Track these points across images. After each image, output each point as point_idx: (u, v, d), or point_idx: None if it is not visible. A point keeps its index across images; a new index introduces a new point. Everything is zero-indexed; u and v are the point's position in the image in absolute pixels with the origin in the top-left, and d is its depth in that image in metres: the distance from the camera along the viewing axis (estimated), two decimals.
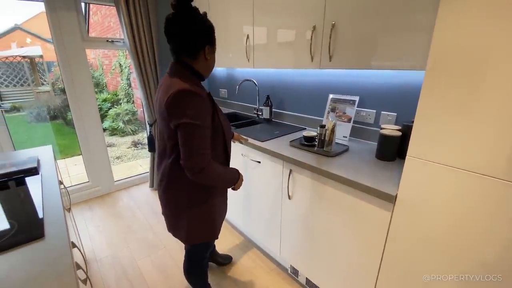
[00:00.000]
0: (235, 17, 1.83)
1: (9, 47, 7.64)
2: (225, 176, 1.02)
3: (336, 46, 1.27)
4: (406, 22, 1.02)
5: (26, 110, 6.42)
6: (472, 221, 0.79)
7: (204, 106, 0.87)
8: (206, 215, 1.07)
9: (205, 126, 0.88)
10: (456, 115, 0.77)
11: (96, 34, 6.67)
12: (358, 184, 1.04)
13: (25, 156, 1.32)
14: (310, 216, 1.33)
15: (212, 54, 0.97)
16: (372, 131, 1.52)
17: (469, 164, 0.77)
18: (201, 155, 0.88)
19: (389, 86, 1.42)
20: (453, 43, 0.74)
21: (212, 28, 0.94)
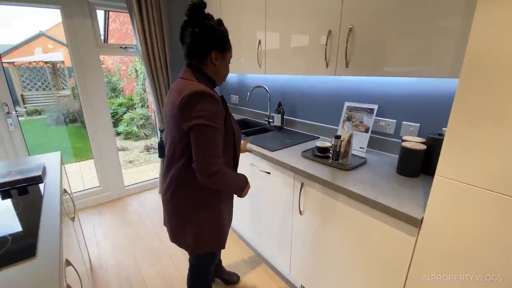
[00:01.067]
0: (246, 22, 1.78)
1: (32, 53, 8.02)
2: (235, 182, 1.00)
3: (354, 51, 1.19)
4: (431, 26, 0.93)
5: (46, 113, 6.67)
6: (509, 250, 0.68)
7: (218, 108, 0.87)
8: (214, 220, 1.03)
9: (219, 128, 0.88)
10: (496, 130, 0.66)
11: (114, 41, 6.87)
12: (378, 204, 0.94)
13: (32, 163, 1.31)
14: (323, 235, 1.24)
15: (222, 61, 0.96)
16: (392, 142, 1.41)
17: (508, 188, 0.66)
18: (214, 158, 0.87)
19: (411, 94, 1.31)
20: (493, 46, 0.64)
21: (221, 34, 0.93)
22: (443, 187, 0.79)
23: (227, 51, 0.97)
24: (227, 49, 0.96)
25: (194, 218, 1.00)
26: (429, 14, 0.93)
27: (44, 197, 1.00)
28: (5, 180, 1.08)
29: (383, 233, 0.97)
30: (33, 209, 0.91)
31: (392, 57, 1.06)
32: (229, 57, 0.99)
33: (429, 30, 0.94)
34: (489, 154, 0.68)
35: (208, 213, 1.01)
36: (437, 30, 0.92)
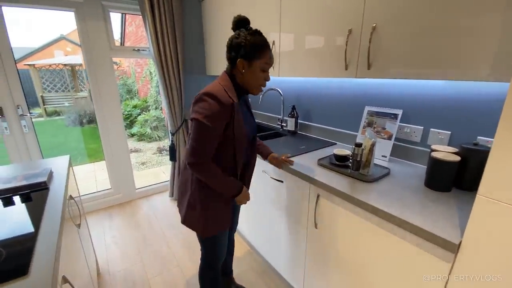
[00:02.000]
0: (259, 21, 1.70)
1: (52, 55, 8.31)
2: (221, 182, 1.04)
3: (377, 52, 1.08)
4: (465, 24, 0.81)
5: (65, 114, 6.87)
6: None
7: (220, 111, 0.94)
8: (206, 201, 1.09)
9: (212, 128, 0.94)
10: None
11: (130, 43, 7.00)
12: (406, 223, 0.83)
13: (39, 167, 1.29)
14: (340, 252, 1.13)
15: (248, 69, 0.98)
16: (418, 151, 1.29)
17: None
18: (198, 151, 0.97)
19: (440, 99, 1.19)
20: None
21: (249, 43, 0.95)
22: (486, 209, 0.67)
23: (255, 60, 0.97)
24: (254, 57, 0.97)
25: (192, 192, 1.09)
26: (463, 11, 0.82)
27: (47, 205, 0.96)
28: (9, 186, 1.05)
29: (412, 257, 0.86)
30: (33, 219, 0.87)
31: (421, 58, 0.95)
32: (258, 65, 0.98)
33: (462, 28, 0.82)
34: None
35: (204, 192, 1.07)
36: (472, 29, 0.80)
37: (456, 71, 0.87)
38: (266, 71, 1.01)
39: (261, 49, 0.97)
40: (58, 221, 0.86)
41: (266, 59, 0.99)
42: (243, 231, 2.01)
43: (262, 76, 1.01)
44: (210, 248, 1.22)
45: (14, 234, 0.80)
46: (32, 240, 0.76)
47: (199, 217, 1.09)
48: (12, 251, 0.72)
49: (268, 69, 1.02)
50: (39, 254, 0.71)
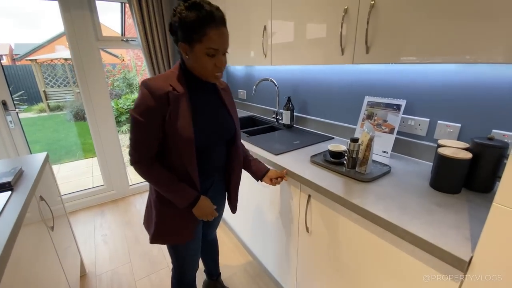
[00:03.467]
0: (250, 7, 1.56)
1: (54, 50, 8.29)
2: (166, 188, 0.88)
3: (376, 33, 0.94)
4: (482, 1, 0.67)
5: (66, 109, 6.86)
6: None
7: (151, 103, 0.80)
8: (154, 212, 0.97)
9: (144, 123, 0.81)
10: None
11: (132, 35, 6.89)
12: (406, 233, 0.71)
13: (10, 166, 1.20)
14: (334, 259, 1.02)
15: (191, 54, 0.80)
16: (423, 146, 1.15)
17: None
18: (133, 149, 0.86)
19: (449, 87, 1.04)
20: None
21: (184, 23, 0.76)
22: (504, 220, 0.54)
23: (197, 43, 0.77)
24: (195, 40, 0.77)
25: (150, 192, 1.00)
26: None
27: (6, 208, 0.87)
28: None
29: (413, 272, 0.73)
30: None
31: (427, 40, 0.80)
32: (201, 50, 0.78)
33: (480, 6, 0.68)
34: None
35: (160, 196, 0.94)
36: (490, 7, 0.66)
37: (470, 53, 0.72)
38: (214, 55, 0.79)
39: (198, 29, 0.75)
40: (10, 226, 0.77)
41: (209, 44, 0.77)
42: (236, 229, 1.91)
43: (210, 62, 0.80)
44: (174, 258, 1.08)
45: None
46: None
47: (152, 220, 0.97)
48: None
49: (216, 53, 0.79)
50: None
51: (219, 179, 1.07)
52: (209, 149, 0.94)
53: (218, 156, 0.99)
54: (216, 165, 1.00)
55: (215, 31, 0.76)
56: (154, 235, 0.97)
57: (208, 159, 0.94)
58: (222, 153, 1.01)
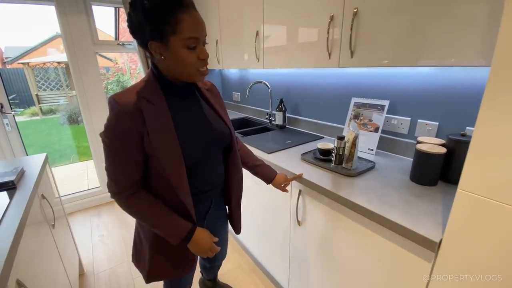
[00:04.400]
0: (244, 11, 1.63)
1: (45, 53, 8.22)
2: (155, 220, 0.74)
3: (359, 39, 1.02)
4: (454, 8, 0.75)
5: (59, 112, 6.82)
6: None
7: (121, 123, 0.67)
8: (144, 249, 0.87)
9: (117, 147, 0.69)
10: None
11: (126, 39, 6.90)
12: (387, 220, 0.78)
13: (11, 166, 1.24)
14: (323, 250, 1.08)
15: (168, 52, 0.67)
16: (405, 143, 1.23)
17: None
18: (110, 179, 0.73)
19: (428, 88, 1.13)
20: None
21: (151, 14, 0.63)
22: (468, 204, 0.62)
23: (171, 36, 0.64)
24: (168, 33, 0.64)
25: (136, 227, 0.90)
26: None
27: (11, 205, 0.91)
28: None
29: (393, 255, 0.81)
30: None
31: (406, 45, 0.88)
32: (179, 43, 0.65)
33: (451, 13, 0.76)
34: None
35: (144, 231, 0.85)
36: (461, 13, 0.74)
37: (445, 56, 0.81)
38: (195, 46, 0.67)
39: (170, 17, 0.62)
40: (17, 222, 0.81)
41: (187, 33, 0.64)
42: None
43: (192, 56, 0.67)
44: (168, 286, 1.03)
45: None
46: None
47: (145, 256, 0.85)
48: None
49: (197, 43, 0.67)
50: None
51: (218, 200, 0.95)
52: (202, 164, 0.81)
53: (214, 170, 0.86)
54: (213, 181, 0.86)
55: (189, 16, 0.64)
56: (150, 273, 0.85)
57: (202, 176, 0.82)
58: (218, 166, 0.88)
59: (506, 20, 0.50)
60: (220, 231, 1.04)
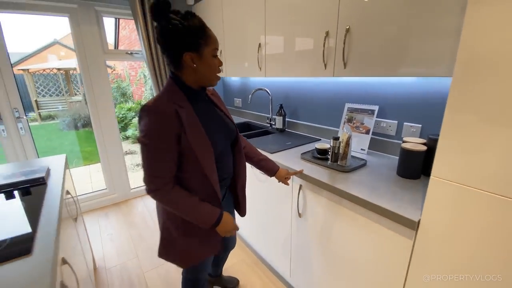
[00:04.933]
0: (247, 27, 1.79)
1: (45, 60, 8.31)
2: (190, 210, 0.87)
3: (351, 52, 1.18)
4: (429, 26, 0.91)
5: (59, 118, 6.88)
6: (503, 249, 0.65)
7: (162, 125, 0.79)
8: (177, 238, 0.97)
9: (158, 147, 0.80)
10: (491, 128, 0.64)
11: (124, 47, 7.05)
12: (376, 206, 0.92)
13: (37, 165, 1.35)
14: (322, 237, 1.22)
15: (200, 61, 0.83)
16: (393, 143, 1.38)
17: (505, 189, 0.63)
18: (150, 176, 0.83)
19: (412, 95, 1.29)
20: (485, 46, 0.62)
21: (189, 30, 0.79)
22: (439, 189, 0.77)
23: (205, 47, 0.82)
24: (202, 45, 0.81)
25: (165, 218, 0.98)
26: (426, 14, 0.91)
27: (46, 198, 1.03)
28: (8, 181, 1.11)
29: (381, 236, 0.95)
30: (33, 209, 0.94)
31: (391, 57, 1.04)
32: (209, 52, 0.83)
33: (428, 29, 0.92)
34: (484, 153, 0.66)
35: (173, 220, 0.95)
36: (436, 29, 0.90)
37: (421, 69, 0.96)
38: (217, 55, 0.88)
39: (204, 33, 0.82)
40: (56, 211, 0.93)
41: (214, 43, 0.85)
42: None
43: (216, 62, 0.87)
44: (193, 270, 1.14)
45: (17, 223, 0.87)
46: (34, 226, 0.83)
47: (176, 245, 0.96)
48: (15, 235, 0.80)
49: (217, 52, 0.88)
50: (41, 238, 0.78)
51: (228, 188, 1.10)
52: (222, 154, 0.96)
53: (228, 161, 1.01)
54: (228, 169, 1.01)
55: (211, 32, 0.85)
56: (185, 258, 0.98)
57: (222, 165, 0.96)
58: (230, 157, 1.03)
59: (464, 36, 0.65)
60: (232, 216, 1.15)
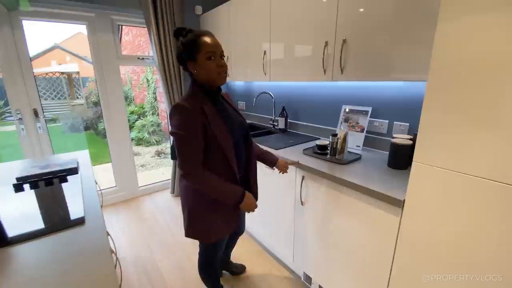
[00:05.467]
0: (253, 35, 1.98)
1: (49, 64, 8.45)
2: (218, 189, 1.03)
3: (347, 59, 1.36)
4: (412, 36, 1.09)
5: (61, 121, 7.00)
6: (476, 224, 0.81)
7: (191, 118, 0.97)
8: (201, 216, 1.12)
9: (191, 135, 0.97)
10: (458, 122, 0.81)
11: (127, 52, 7.23)
12: (368, 190, 1.09)
13: (66, 158, 1.50)
14: (322, 222, 1.38)
15: (198, 66, 1.00)
16: (385, 140, 1.56)
17: (472, 169, 0.80)
18: (185, 161, 0.99)
19: (401, 98, 1.47)
20: (453, 54, 0.80)
21: (185, 44, 0.99)
22: (420, 171, 0.93)
23: (198, 53, 0.98)
24: (195, 52, 0.98)
25: (192, 201, 1.12)
26: (410, 25, 1.09)
27: (82, 183, 1.18)
28: (47, 170, 1.26)
29: (374, 216, 1.11)
30: (75, 192, 1.09)
31: (381, 64, 1.22)
32: (202, 56, 0.98)
33: (410, 39, 1.10)
34: (452, 141, 0.83)
35: (204, 199, 1.09)
36: (417, 39, 1.08)
37: (407, 74, 1.14)
38: (213, 58, 0.98)
39: (196, 42, 0.97)
40: (95, 193, 1.09)
41: (206, 48, 0.97)
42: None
43: (212, 64, 0.98)
44: (210, 249, 1.28)
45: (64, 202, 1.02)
46: (80, 205, 0.98)
47: (201, 224, 1.12)
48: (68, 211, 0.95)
49: (214, 55, 0.98)
50: (88, 213, 0.93)
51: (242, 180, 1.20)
52: (237, 144, 1.12)
53: (242, 152, 1.17)
54: (242, 158, 1.17)
55: (207, 38, 0.98)
56: (208, 234, 1.13)
57: (238, 154, 1.12)
58: (243, 148, 1.18)
59: (436, 47, 0.83)
60: None
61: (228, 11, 2.19)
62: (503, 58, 0.70)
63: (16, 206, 0.99)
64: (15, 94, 2.15)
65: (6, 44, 2.02)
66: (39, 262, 0.69)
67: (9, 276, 0.64)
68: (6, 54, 2.04)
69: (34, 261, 0.70)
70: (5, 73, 2.08)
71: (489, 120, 0.75)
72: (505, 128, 0.72)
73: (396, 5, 1.12)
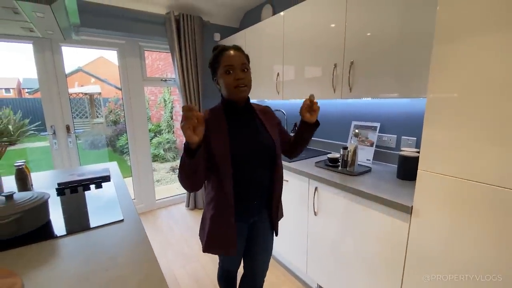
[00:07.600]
0: (267, 59, 2.16)
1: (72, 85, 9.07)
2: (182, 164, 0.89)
3: (355, 79, 1.48)
4: (416, 59, 1.21)
5: (82, 138, 7.38)
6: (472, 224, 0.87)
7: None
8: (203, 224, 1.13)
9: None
10: (456, 134, 0.90)
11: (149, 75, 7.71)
12: (378, 198, 1.16)
13: (98, 168, 1.65)
14: (334, 231, 1.44)
15: (220, 80, 1.01)
16: (393, 154, 1.64)
17: (469, 174, 0.88)
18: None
19: (408, 113, 1.56)
20: (449, 73, 0.91)
21: (210, 64, 1.04)
22: (424, 178, 1.01)
23: (218, 68, 1.00)
24: (217, 68, 1.01)
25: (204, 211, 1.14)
26: (412, 49, 1.22)
27: (116, 189, 1.31)
28: (84, 177, 1.41)
29: (385, 224, 1.17)
30: (111, 195, 1.22)
31: (387, 83, 1.34)
32: (222, 70, 0.98)
33: (414, 62, 1.22)
34: (453, 153, 0.92)
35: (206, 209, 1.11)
36: (421, 63, 1.19)
37: (409, 92, 1.25)
38: (230, 72, 0.97)
39: (215, 59, 1.00)
40: (129, 197, 1.21)
41: (223, 63, 0.98)
42: None
43: (229, 78, 0.97)
44: (221, 262, 1.30)
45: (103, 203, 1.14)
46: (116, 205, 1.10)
47: (204, 232, 1.11)
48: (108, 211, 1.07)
49: (232, 69, 0.97)
50: (125, 212, 1.05)
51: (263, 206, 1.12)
52: (249, 165, 1.01)
53: (257, 175, 1.04)
54: (257, 183, 1.05)
55: (226, 52, 0.98)
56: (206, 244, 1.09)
57: (249, 179, 1.02)
58: (264, 176, 1.06)
59: (433, 66, 0.94)
60: (264, 238, 1.20)
61: (244, 37, 2.40)
62: (493, 78, 0.81)
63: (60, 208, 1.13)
64: (51, 111, 2.38)
65: (47, 67, 2.28)
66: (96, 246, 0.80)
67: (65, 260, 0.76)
68: (47, 76, 2.29)
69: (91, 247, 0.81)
70: (44, 93, 2.32)
71: (484, 131, 0.84)
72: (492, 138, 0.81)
73: (400, 30, 1.26)
